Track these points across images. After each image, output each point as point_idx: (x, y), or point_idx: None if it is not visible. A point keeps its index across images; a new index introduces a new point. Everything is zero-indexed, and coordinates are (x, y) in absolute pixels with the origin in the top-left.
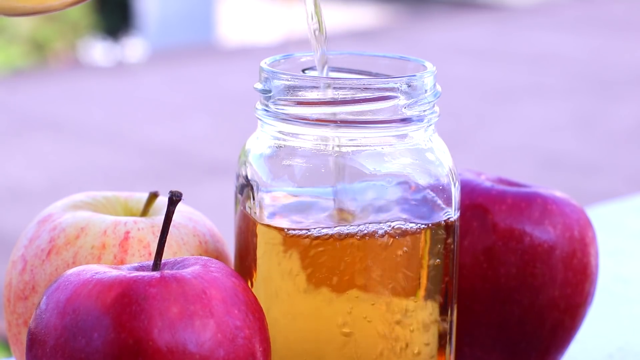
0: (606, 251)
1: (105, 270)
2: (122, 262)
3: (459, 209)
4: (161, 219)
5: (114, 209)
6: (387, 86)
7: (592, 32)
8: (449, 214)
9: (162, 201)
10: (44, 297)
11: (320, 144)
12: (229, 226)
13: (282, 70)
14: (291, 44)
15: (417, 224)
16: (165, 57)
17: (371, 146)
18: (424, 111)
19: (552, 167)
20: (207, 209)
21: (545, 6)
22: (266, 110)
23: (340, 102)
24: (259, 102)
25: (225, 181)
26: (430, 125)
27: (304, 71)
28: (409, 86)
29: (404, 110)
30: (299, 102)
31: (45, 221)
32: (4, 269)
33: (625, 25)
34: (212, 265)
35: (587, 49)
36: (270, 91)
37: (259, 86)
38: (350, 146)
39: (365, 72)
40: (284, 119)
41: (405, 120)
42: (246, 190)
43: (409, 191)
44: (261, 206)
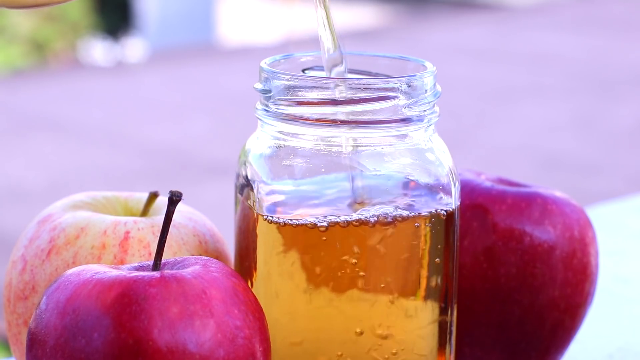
0: (606, 251)
1: (105, 270)
2: (122, 262)
3: (459, 208)
4: (161, 219)
5: (114, 209)
6: (387, 86)
7: (592, 32)
8: (448, 214)
9: (162, 201)
10: (44, 297)
11: (320, 144)
12: (229, 226)
13: (282, 70)
14: (291, 44)
15: (417, 224)
16: (165, 57)
17: (371, 146)
18: (424, 111)
19: (552, 167)
20: (207, 209)
21: (545, 6)
22: (266, 110)
23: (340, 102)
24: (259, 102)
25: (225, 181)
26: (430, 125)
27: (304, 71)
28: (409, 86)
29: (404, 110)
30: (299, 102)
31: (45, 221)
32: (4, 269)
33: (625, 25)
34: (212, 265)
35: (587, 49)
36: (270, 91)
37: (259, 86)
38: (350, 146)
39: (365, 72)
40: (284, 119)
41: (405, 120)
42: (246, 190)
43: (409, 191)
44: (261, 206)
